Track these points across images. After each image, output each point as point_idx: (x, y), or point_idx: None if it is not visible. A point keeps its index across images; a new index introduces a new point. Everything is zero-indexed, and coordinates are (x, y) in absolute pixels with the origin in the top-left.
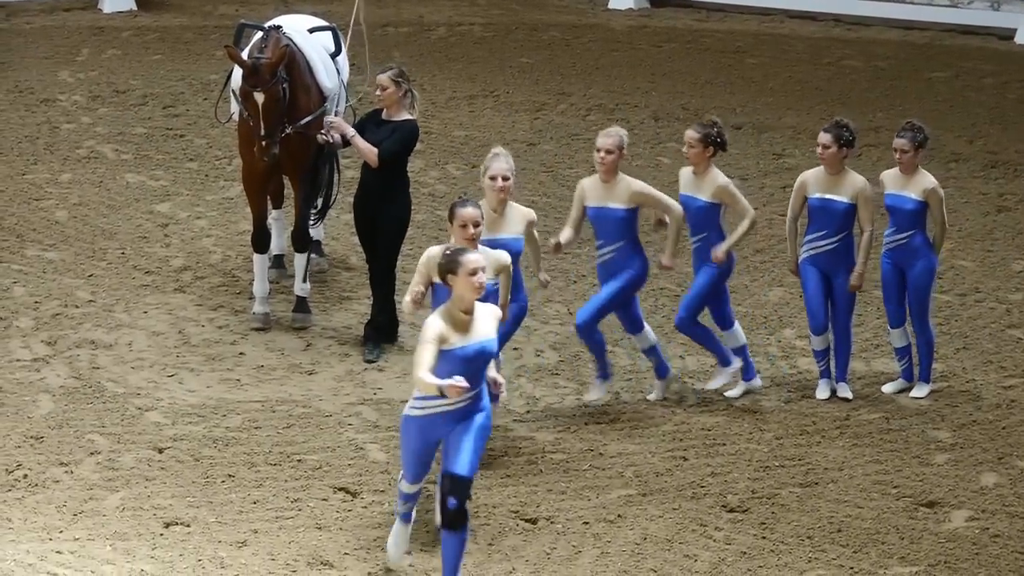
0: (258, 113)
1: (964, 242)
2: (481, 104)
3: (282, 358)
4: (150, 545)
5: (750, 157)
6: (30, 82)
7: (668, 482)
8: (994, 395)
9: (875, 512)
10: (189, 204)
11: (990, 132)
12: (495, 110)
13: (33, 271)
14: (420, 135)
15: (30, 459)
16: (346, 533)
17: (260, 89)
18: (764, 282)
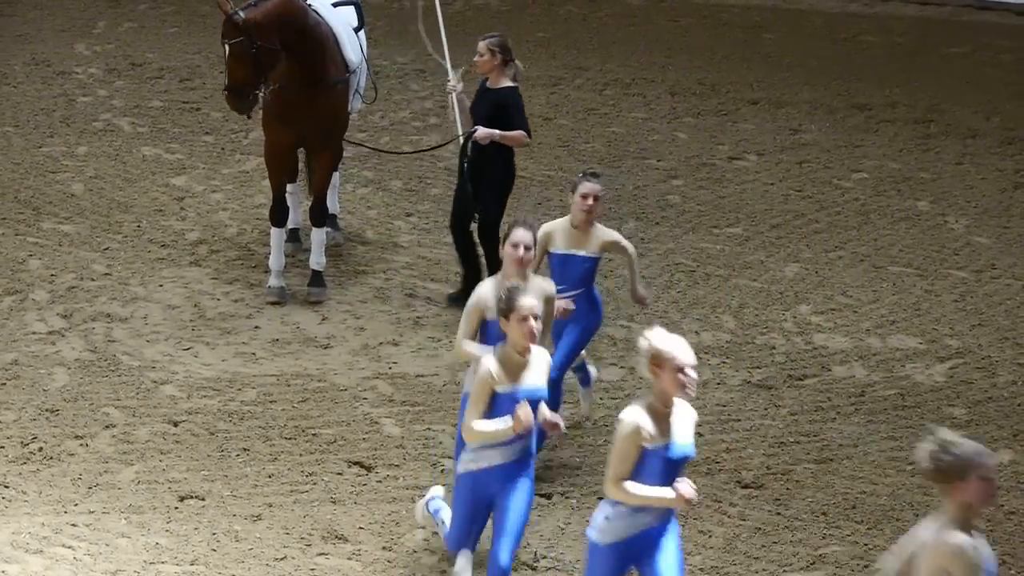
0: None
1: (980, 219)
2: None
3: (297, 332)
4: (165, 519)
5: (766, 132)
6: (46, 54)
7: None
8: (1010, 372)
9: (890, 489)
10: (205, 177)
11: (1007, 108)
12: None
13: (49, 244)
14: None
15: (45, 432)
16: (360, 507)
17: (225, 42)
18: (780, 258)
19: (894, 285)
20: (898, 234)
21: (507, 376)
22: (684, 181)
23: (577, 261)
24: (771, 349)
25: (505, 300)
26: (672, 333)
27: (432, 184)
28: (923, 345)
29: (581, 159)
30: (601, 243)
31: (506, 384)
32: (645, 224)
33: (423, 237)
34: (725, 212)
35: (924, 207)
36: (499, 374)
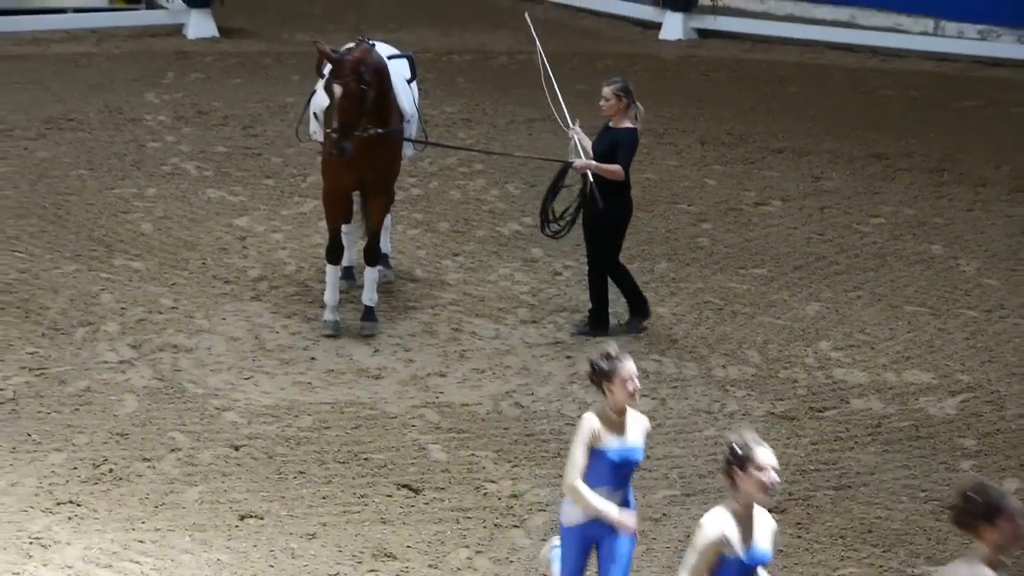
0: (333, 105)
1: (990, 262)
2: (540, 127)
3: (351, 363)
4: (226, 536)
5: (790, 180)
6: (119, 103)
7: (709, 484)
8: (1017, 405)
9: (904, 514)
10: (265, 218)
11: (1016, 158)
12: (552, 133)
13: (120, 279)
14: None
15: (115, 454)
16: (409, 527)
17: (339, 82)
18: (802, 297)
19: (909, 323)
20: (913, 276)
21: (608, 433)
22: (713, 225)
23: (634, 456)
24: (793, 382)
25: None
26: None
27: (477, 226)
28: (936, 380)
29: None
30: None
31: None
32: (676, 265)
33: (468, 276)
34: (751, 254)
35: (938, 251)
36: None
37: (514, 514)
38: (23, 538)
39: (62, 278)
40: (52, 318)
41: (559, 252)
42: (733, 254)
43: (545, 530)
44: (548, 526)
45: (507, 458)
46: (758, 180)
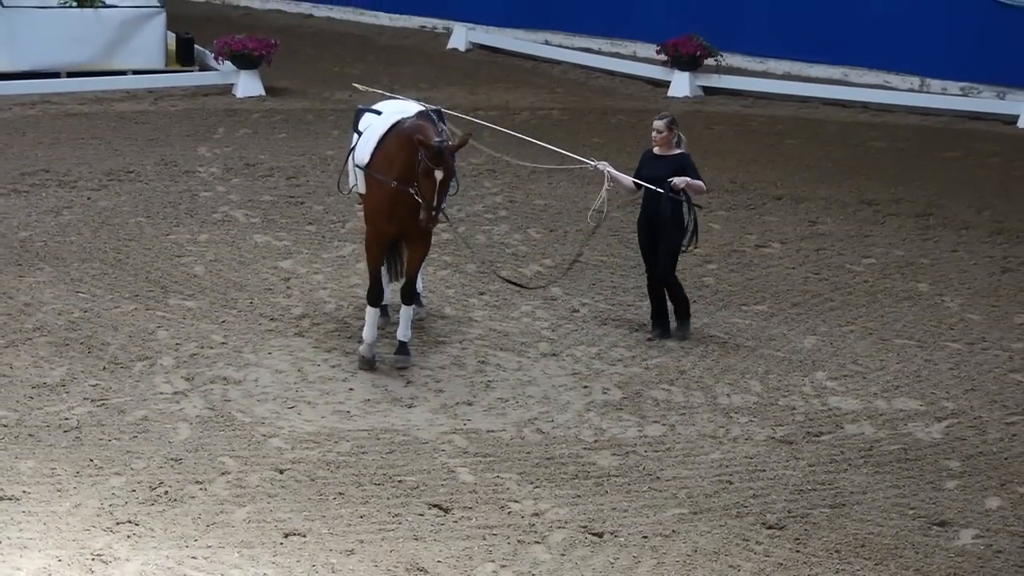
0: (434, 189)
1: (972, 298)
2: (558, 177)
3: (385, 393)
4: (272, 553)
5: (788, 224)
6: (174, 156)
7: (716, 502)
8: (998, 430)
9: (894, 530)
10: (308, 261)
11: (996, 204)
12: (570, 182)
13: (174, 317)
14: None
15: (170, 478)
16: (439, 544)
17: (440, 168)
18: (799, 331)
19: (898, 355)
20: (901, 311)
21: None
22: (717, 265)
23: None
24: (792, 409)
25: None
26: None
27: (502, 266)
28: (923, 407)
29: (630, 246)
30: None
31: None
32: None
33: (494, 313)
34: (753, 292)
35: (924, 288)
36: None
37: (536, 531)
38: (86, 555)
39: (122, 316)
40: (112, 353)
41: (576, 291)
42: (736, 292)
43: (565, 546)
44: (568, 542)
45: (529, 479)
46: (759, 224)
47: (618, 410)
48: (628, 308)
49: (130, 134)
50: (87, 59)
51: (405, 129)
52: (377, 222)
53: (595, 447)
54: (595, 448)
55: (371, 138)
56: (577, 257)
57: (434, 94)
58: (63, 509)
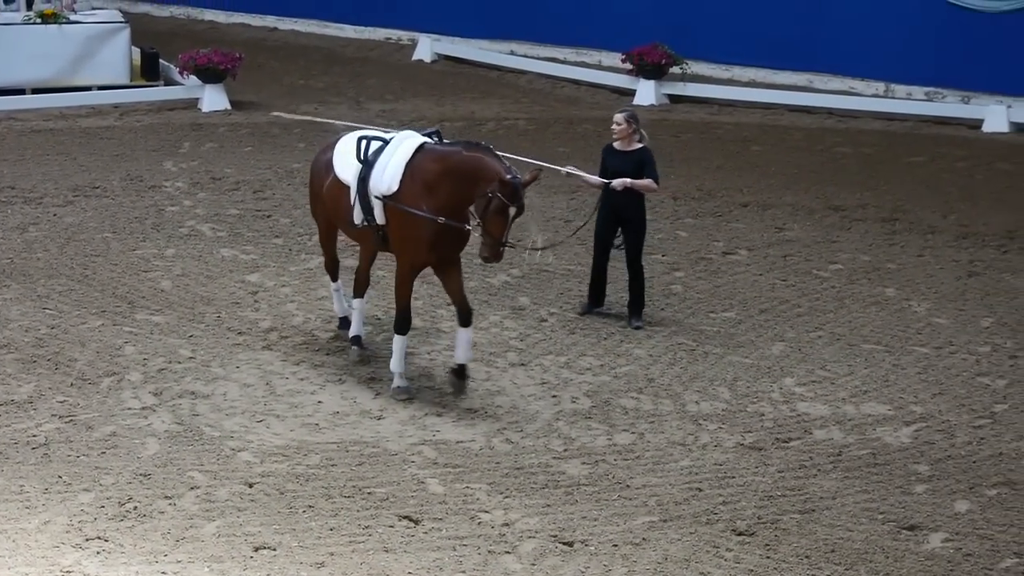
0: (505, 226)
1: (939, 302)
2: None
3: (354, 405)
4: (242, 567)
5: (755, 231)
6: (140, 171)
7: (685, 510)
8: (966, 434)
9: (864, 535)
10: (275, 274)
11: (961, 208)
12: (536, 192)
13: (142, 332)
14: None
15: (139, 493)
16: (409, 555)
17: (516, 205)
18: (767, 338)
19: (866, 360)
20: (869, 316)
21: None
22: (685, 273)
23: None
24: (761, 416)
25: None
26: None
27: (469, 278)
28: (891, 411)
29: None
30: None
31: None
32: (652, 310)
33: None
34: (720, 299)
35: (891, 293)
36: None
37: (506, 541)
38: (55, 572)
39: (89, 332)
40: (80, 369)
41: (544, 300)
42: (704, 299)
43: (535, 555)
44: (538, 552)
45: (499, 490)
46: (726, 231)
47: (587, 419)
48: (596, 317)
49: (96, 150)
50: (52, 75)
51: (457, 159)
52: (416, 254)
53: (565, 456)
54: (565, 457)
55: (392, 167)
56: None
57: (400, 105)
58: (32, 526)
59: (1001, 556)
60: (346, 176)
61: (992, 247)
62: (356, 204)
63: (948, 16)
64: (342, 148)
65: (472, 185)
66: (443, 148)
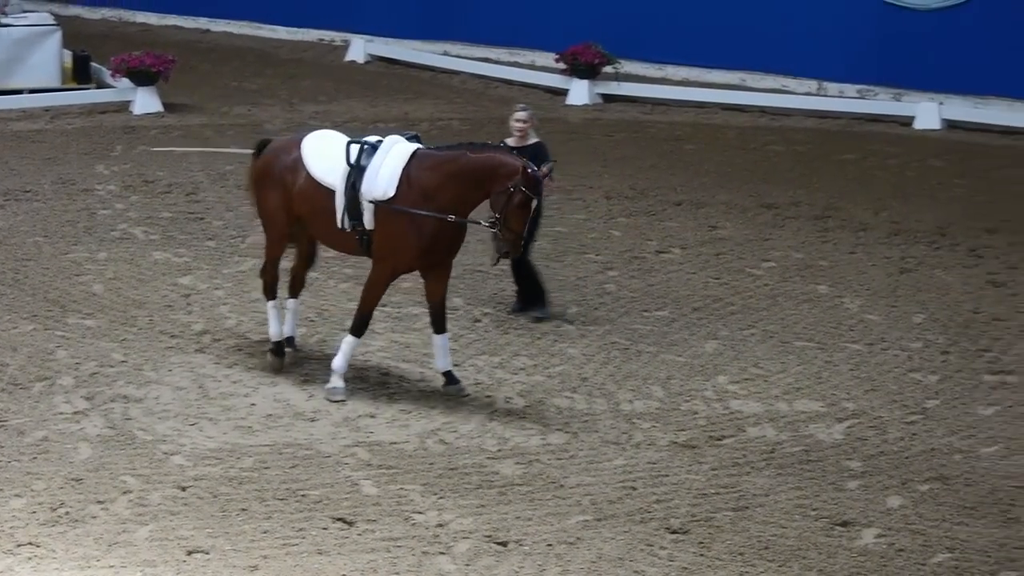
0: (527, 220)
1: (872, 299)
2: None
3: (288, 407)
4: (175, 571)
5: (688, 229)
6: (71, 175)
7: (619, 508)
8: (899, 430)
9: (797, 532)
10: (208, 277)
11: (893, 205)
12: None
13: (74, 336)
14: None
15: (71, 498)
16: (344, 557)
17: (538, 197)
18: (701, 336)
19: (799, 357)
20: (801, 314)
21: None
22: (619, 272)
23: None
24: (694, 414)
25: None
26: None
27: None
28: (824, 408)
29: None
30: None
31: None
32: (586, 309)
33: (395, 324)
34: (654, 298)
35: (824, 290)
36: None
37: (440, 542)
38: None
39: (20, 337)
40: (11, 374)
41: (478, 301)
42: (637, 298)
43: (470, 556)
44: (473, 552)
45: (433, 490)
46: (659, 230)
47: (521, 419)
48: (529, 317)
49: (26, 153)
50: None
51: (466, 162)
52: (404, 259)
53: (498, 456)
54: (498, 457)
55: (387, 171)
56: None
57: (333, 107)
58: None
59: (933, 551)
60: (329, 179)
61: (924, 243)
62: (343, 208)
63: (880, 14)
64: (315, 149)
65: (487, 184)
66: (445, 153)
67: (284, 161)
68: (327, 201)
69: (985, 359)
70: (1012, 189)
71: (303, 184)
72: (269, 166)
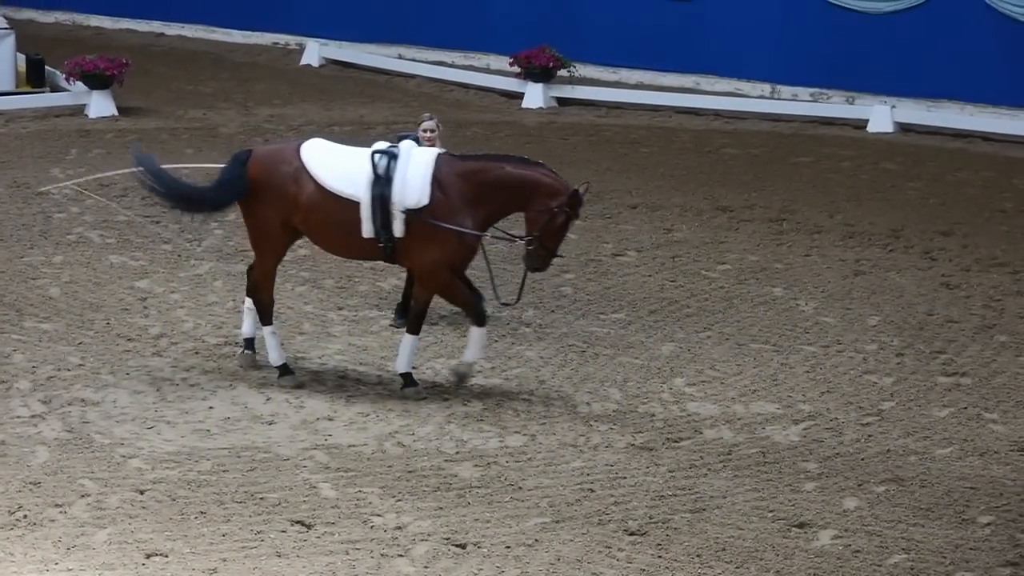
0: (564, 237)
1: (827, 301)
2: None
3: (245, 411)
4: (134, 574)
5: (644, 232)
6: (26, 178)
7: (578, 511)
8: (854, 431)
9: (754, 533)
10: (164, 280)
11: (847, 208)
12: None
13: (30, 340)
14: None
15: (29, 501)
16: (302, 560)
17: (578, 217)
18: (657, 338)
19: (754, 359)
20: (757, 316)
21: None
22: (575, 275)
23: None
24: (651, 416)
25: None
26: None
27: (360, 282)
28: (780, 410)
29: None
30: None
31: None
32: (543, 312)
33: (353, 327)
34: (610, 300)
35: (779, 292)
36: None
37: (399, 544)
38: None
39: None
40: None
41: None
42: (594, 301)
43: (428, 558)
44: (431, 554)
45: (391, 493)
46: (615, 233)
47: (479, 421)
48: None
49: None
50: None
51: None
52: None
53: (456, 459)
54: (457, 460)
55: (417, 179)
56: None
57: (288, 110)
58: None
59: (889, 552)
60: (349, 190)
61: (878, 246)
62: (370, 218)
63: (832, 18)
64: (321, 159)
65: (527, 201)
66: (476, 163)
67: (284, 172)
68: (344, 212)
69: (939, 361)
70: (965, 192)
71: (311, 195)
72: (266, 177)
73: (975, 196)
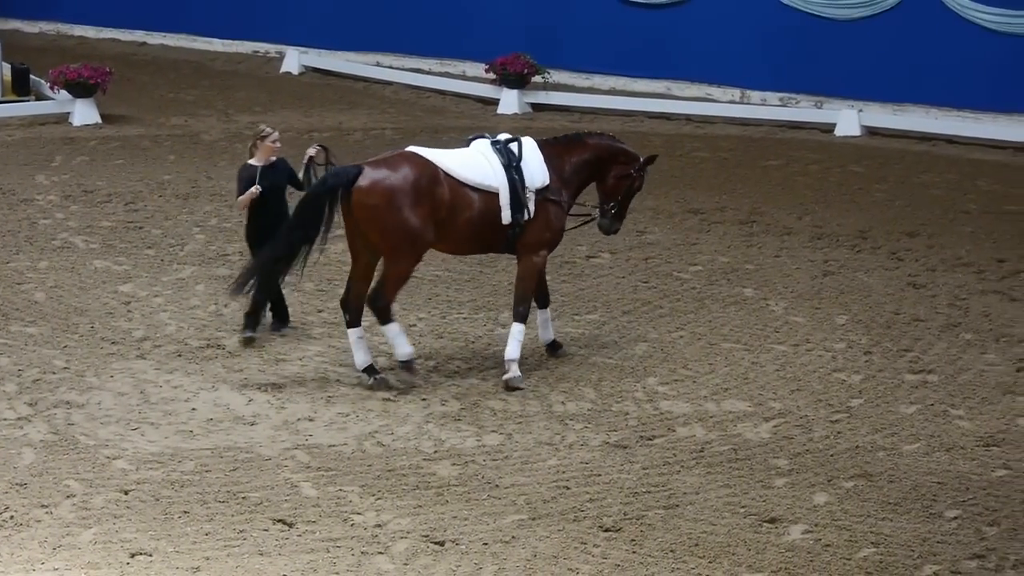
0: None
1: (796, 301)
2: None
3: (228, 412)
4: (118, 573)
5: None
6: (11, 185)
7: (553, 508)
8: (823, 428)
9: (727, 528)
10: (148, 284)
11: (816, 209)
12: None
13: (16, 344)
14: None
15: (16, 502)
16: (284, 558)
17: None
18: (631, 338)
19: (726, 359)
20: (728, 316)
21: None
22: (550, 276)
23: None
24: (625, 415)
25: None
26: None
27: (339, 285)
28: (751, 408)
29: (464, 261)
30: None
31: None
32: None
33: (332, 330)
34: (584, 301)
35: (749, 293)
36: None
37: (379, 542)
38: None
39: None
40: None
41: (412, 305)
42: (568, 302)
43: (407, 555)
44: (410, 552)
45: (371, 492)
46: (589, 236)
47: (456, 421)
48: (464, 322)
49: None
50: None
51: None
52: (557, 239)
53: (435, 457)
54: (435, 459)
55: (536, 161)
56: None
57: (268, 117)
58: None
59: (859, 546)
60: (489, 181)
61: (846, 247)
62: (507, 204)
63: (801, 24)
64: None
65: (607, 169)
66: (560, 144)
67: (424, 176)
68: (485, 203)
69: (906, 359)
70: (930, 193)
71: (456, 196)
72: (408, 185)
73: (940, 198)
